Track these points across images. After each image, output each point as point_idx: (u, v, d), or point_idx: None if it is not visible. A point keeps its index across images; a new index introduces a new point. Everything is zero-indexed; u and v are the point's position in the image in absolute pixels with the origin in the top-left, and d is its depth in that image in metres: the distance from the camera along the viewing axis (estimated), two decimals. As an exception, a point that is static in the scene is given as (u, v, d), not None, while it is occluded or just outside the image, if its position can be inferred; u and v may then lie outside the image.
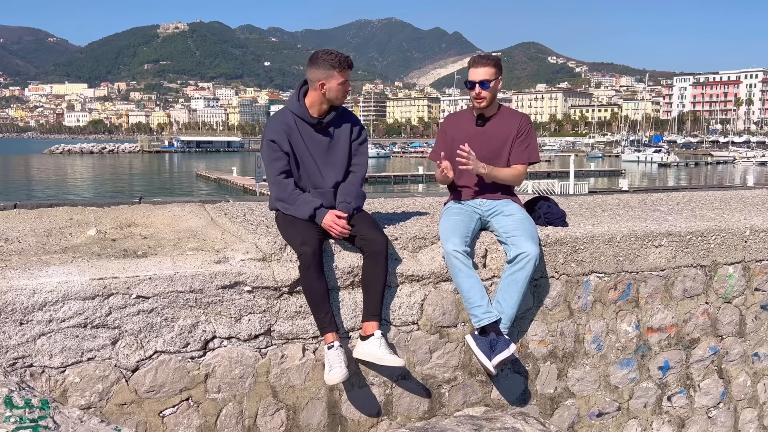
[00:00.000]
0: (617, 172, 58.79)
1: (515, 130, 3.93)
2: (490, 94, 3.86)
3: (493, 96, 3.89)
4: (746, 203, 5.56)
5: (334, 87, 3.54)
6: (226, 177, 48.61)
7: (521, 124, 3.94)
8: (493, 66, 3.85)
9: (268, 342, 3.43)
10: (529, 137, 3.96)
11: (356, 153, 3.77)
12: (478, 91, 3.84)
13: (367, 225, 3.57)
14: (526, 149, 3.94)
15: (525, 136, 3.94)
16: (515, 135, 3.93)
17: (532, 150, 3.96)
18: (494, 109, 3.96)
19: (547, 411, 4.03)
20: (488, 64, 3.85)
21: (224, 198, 5.18)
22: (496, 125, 3.95)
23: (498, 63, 3.90)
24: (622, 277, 4.12)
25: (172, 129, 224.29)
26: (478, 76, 3.83)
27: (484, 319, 3.61)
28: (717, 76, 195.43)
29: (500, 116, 3.97)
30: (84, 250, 3.59)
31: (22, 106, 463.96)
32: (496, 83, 3.87)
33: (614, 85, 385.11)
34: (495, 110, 3.97)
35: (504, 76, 5.80)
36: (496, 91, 3.89)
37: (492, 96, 3.88)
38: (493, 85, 3.85)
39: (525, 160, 3.94)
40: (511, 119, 3.96)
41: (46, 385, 3.05)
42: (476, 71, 3.84)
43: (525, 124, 3.96)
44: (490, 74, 3.83)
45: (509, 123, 3.95)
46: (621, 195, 6.26)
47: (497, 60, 3.92)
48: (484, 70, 3.83)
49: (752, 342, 4.54)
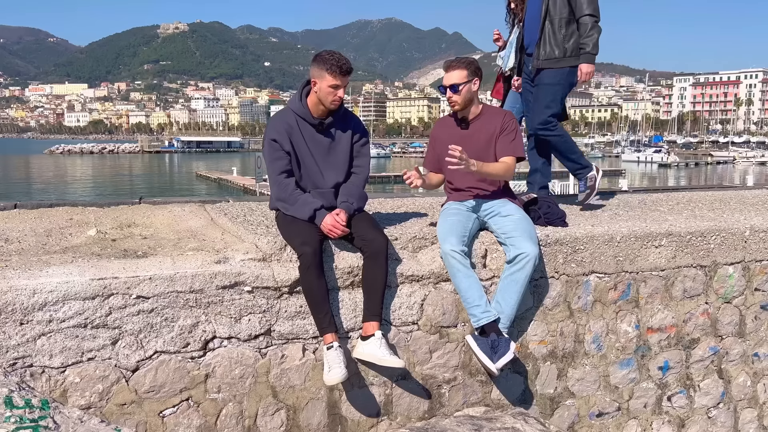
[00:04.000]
0: (617, 172, 58.72)
1: (499, 127, 3.93)
2: (462, 98, 3.87)
3: (466, 99, 3.89)
4: (746, 203, 5.56)
5: (324, 88, 3.52)
6: (226, 177, 48.60)
7: (504, 121, 3.95)
8: (464, 68, 3.86)
9: (268, 342, 3.43)
10: (513, 132, 3.95)
11: (358, 155, 3.77)
12: (449, 95, 3.88)
13: (367, 225, 3.57)
14: (511, 143, 3.92)
15: (509, 131, 3.93)
16: (499, 132, 3.93)
17: (517, 145, 3.93)
18: (476, 110, 3.97)
19: (547, 411, 4.03)
20: (459, 67, 3.87)
21: (224, 198, 5.18)
22: (479, 126, 3.96)
23: (471, 65, 3.90)
24: (622, 278, 4.13)
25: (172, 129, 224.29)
26: (450, 80, 3.87)
27: (483, 319, 3.61)
28: (717, 77, 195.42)
29: (484, 116, 3.98)
30: (84, 250, 3.59)
31: (22, 107, 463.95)
32: (470, 86, 3.87)
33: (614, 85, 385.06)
34: (477, 112, 3.97)
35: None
36: (470, 93, 3.88)
37: (464, 99, 3.88)
38: (465, 88, 3.85)
39: (510, 153, 3.90)
40: (494, 118, 3.97)
41: (46, 385, 3.05)
42: (447, 75, 3.90)
43: (509, 121, 3.96)
44: (461, 77, 3.84)
45: (492, 122, 3.96)
46: (621, 195, 6.26)
47: (470, 62, 3.92)
48: (455, 73, 3.86)
49: (752, 342, 4.54)
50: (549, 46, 4.74)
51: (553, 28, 4.72)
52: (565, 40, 4.72)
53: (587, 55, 4.67)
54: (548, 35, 4.74)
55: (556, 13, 4.70)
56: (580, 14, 4.66)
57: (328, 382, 3.33)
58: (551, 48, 4.74)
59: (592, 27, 4.62)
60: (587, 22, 4.63)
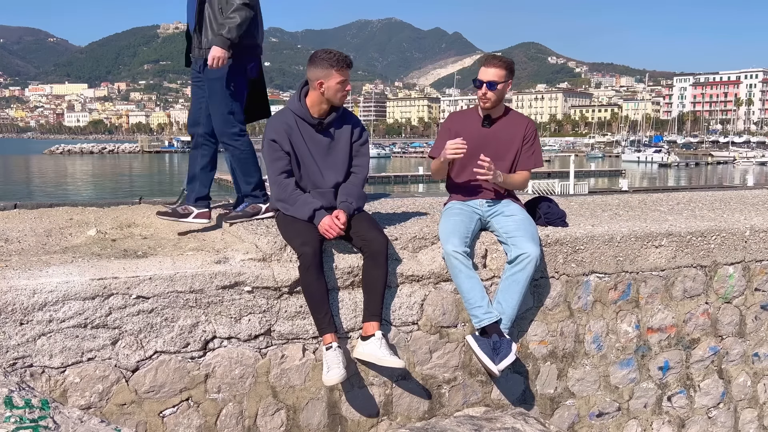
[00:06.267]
0: (617, 172, 58.74)
1: (521, 135, 3.95)
2: (496, 96, 3.84)
3: (500, 98, 3.88)
4: (746, 203, 5.56)
5: (333, 86, 3.54)
6: (226, 177, 48.33)
7: (527, 131, 3.97)
8: (504, 68, 3.83)
9: (268, 342, 3.43)
10: (535, 143, 4.00)
11: (357, 154, 3.77)
12: (485, 91, 3.83)
13: (367, 225, 3.57)
14: (533, 155, 3.98)
15: (531, 142, 3.97)
16: (522, 141, 3.95)
17: (537, 156, 4.01)
18: (501, 111, 3.97)
19: (547, 411, 4.03)
20: (499, 65, 3.83)
21: (224, 198, 5.17)
22: (502, 128, 3.96)
23: (510, 66, 3.88)
24: (622, 278, 4.12)
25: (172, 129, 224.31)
26: (488, 76, 3.81)
27: (485, 320, 3.61)
28: (717, 77, 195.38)
29: (507, 119, 3.98)
30: (84, 250, 3.59)
31: (22, 107, 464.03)
32: (505, 86, 3.86)
33: (614, 85, 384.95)
34: (501, 112, 3.98)
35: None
36: (503, 94, 3.89)
37: (498, 98, 3.86)
38: (501, 88, 3.83)
39: (531, 166, 3.98)
40: (517, 124, 3.98)
41: (46, 385, 3.05)
42: (486, 71, 3.83)
43: (531, 131, 3.99)
44: (500, 76, 3.81)
45: (515, 127, 3.96)
46: (621, 195, 6.26)
47: (509, 63, 3.89)
48: (495, 71, 3.81)
49: (752, 342, 4.54)
50: (211, 33, 3.95)
51: (213, 12, 3.96)
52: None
53: (220, 37, 3.85)
54: (209, 20, 3.97)
55: None
56: None
57: (327, 382, 3.33)
58: (214, 35, 3.93)
59: (237, 9, 3.84)
60: (233, 2, 3.87)
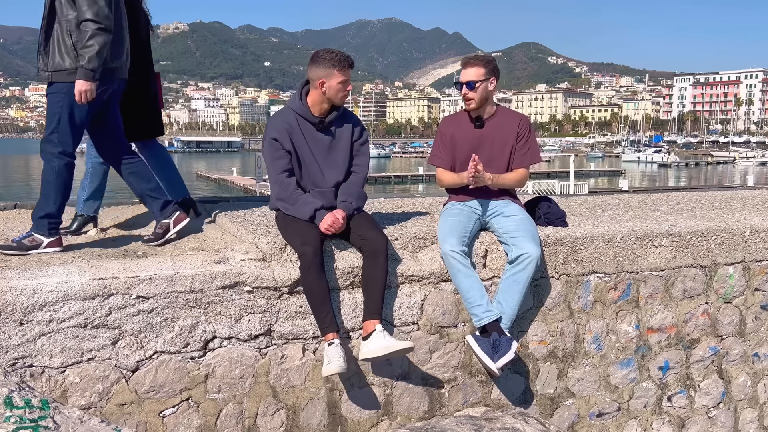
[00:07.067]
0: (617, 172, 58.79)
1: (515, 133, 3.91)
2: (479, 96, 3.81)
3: (483, 97, 3.84)
4: (746, 203, 5.56)
5: (334, 86, 3.54)
6: (226, 177, 48.57)
7: (521, 128, 3.92)
8: (482, 66, 3.81)
9: (268, 342, 3.43)
10: (530, 140, 3.94)
11: (357, 153, 3.77)
12: (465, 91, 3.82)
13: (366, 225, 3.57)
14: (528, 152, 3.93)
15: (525, 139, 3.92)
16: (515, 139, 3.91)
17: (533, 152, 3.95)
18: (491, 110, 3.94)
19: (547, 411, 4.03)
20: (477, 64, 3.81)
21: (224, 198, 5.18)
22: (494, 127, 3.92)
23: (489, 63, 3.85)
24: (622, 278, 4.12)
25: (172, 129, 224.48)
26: (466, 76, 3.81)
27: (485, 318, 3.61)
28: (717, 77, 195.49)
29: (498, 118, 3.94)
30: (84, 250, 3.59)
31: (23, 107, 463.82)
32: (486, 84, 3.81)
33: (614, 85, 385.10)
34: (492, 112, 3.94)
35: (504, 77, 5.86)
36: (486, 92, 3.84)
37: (480, 97, 3.82)
38: (481, 86, 3.80)
39: (527, 163, 3.93)
40: (509, 121, 3.94)
41: (46, 385, 3.05)
42: (465, 72, 3.83)
43: (524, 127, 3.93)
44: (479, 75, 3.79)
45: (508, 125, 3.92)
46: (621, 195, 6.26)
47: (489, 60, 3.86)
48: (473, 70, 3.80)
49: (752, 342, 4.54)
50: (58, 56, 3.62)
51: (62, 34, 3.63)
52: (77, 47, 3.61)
53: (82, 70, 3.54)
54: (57, 42, 3.65)
55: (63, 14, 3.61)
56: (81, 18, 3.57)
57: (326, 372, 3.31)
58: (60, 58, 3.61)
59: (92, 35, 3.53)
60: (87, 29, 3.55)
